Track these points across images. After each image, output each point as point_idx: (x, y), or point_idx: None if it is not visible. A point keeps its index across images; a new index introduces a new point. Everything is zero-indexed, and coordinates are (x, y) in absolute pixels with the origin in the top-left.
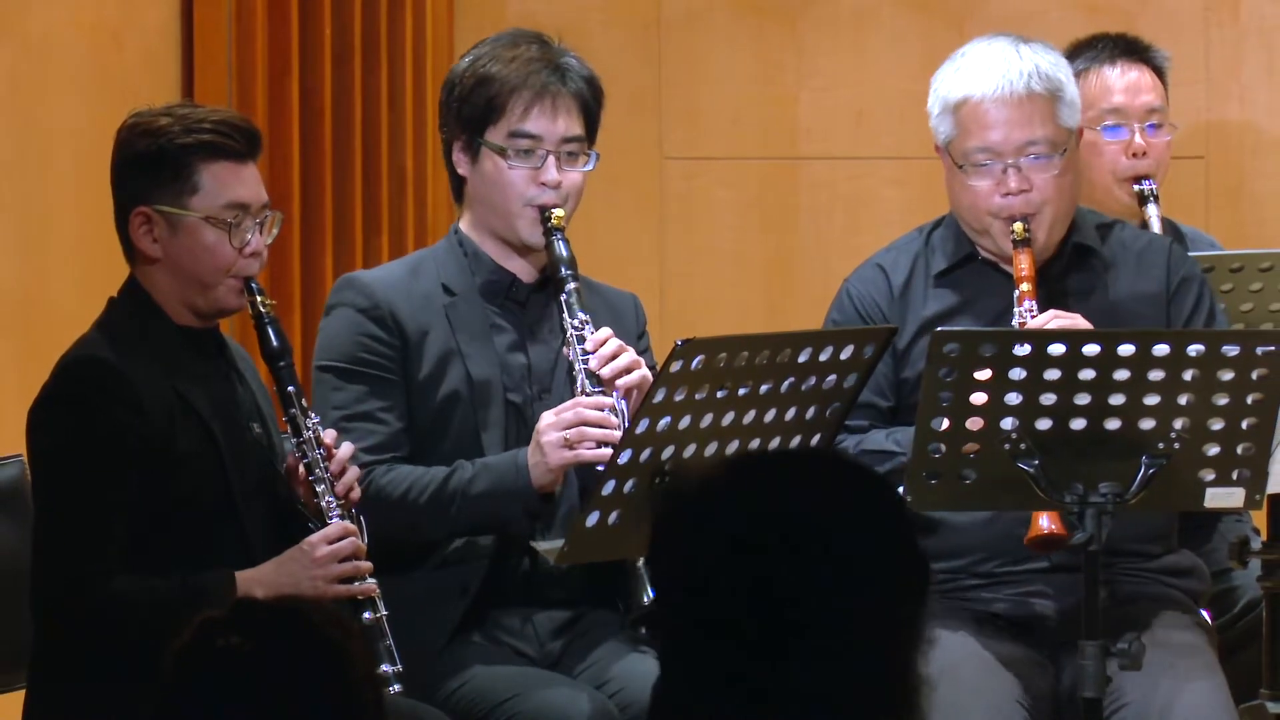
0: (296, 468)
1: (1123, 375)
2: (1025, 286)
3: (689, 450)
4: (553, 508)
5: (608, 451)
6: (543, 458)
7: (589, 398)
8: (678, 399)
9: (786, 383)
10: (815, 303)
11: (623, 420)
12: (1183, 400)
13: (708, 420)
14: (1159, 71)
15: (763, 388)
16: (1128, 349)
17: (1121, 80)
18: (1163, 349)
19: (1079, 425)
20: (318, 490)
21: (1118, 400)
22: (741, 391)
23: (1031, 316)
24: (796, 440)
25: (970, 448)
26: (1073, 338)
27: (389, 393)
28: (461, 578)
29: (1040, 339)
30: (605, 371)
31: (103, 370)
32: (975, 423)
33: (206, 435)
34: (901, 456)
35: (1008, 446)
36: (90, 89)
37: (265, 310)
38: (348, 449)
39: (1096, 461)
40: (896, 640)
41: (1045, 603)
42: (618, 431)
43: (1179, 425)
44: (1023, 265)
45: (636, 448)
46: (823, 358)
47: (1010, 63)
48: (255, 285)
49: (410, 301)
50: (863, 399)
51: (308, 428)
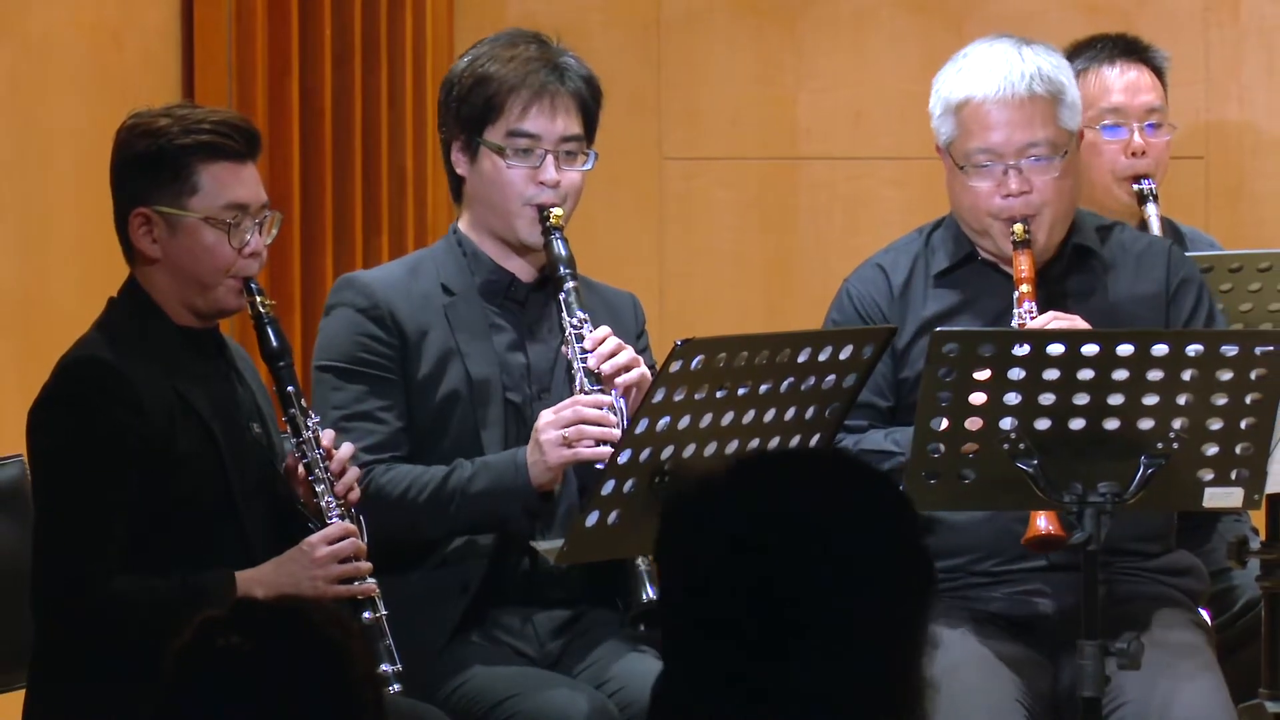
0: (296, 467)
1: (1122, 375)
2: (1025, 288)
3: (688, 450)
4: (552, 506)
5: (607, 450)
6: (541, 456)
7: (587, 396)
8: (677, 399)
9: (786, 383)
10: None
11: (621, 419)
12: (1181, 400)
13: (707, 420)
14: (1158, 71)
15: (762, 388)
16: (1127, 349)
17: (1121, 80)
18: (1162, 349)
19: (1078, 425)
20: (317, 490)
21: (1117, 400)
22: (741, 391)
23: (1031, 318)
24: (796, 440)
25: (969, 448)
26: (1072, 338)
27: (388, 392)
28: (461, 577)
29: (1039, 339)
30: (605, 369)
31: (103, 370)
32: (974, 423)
33: (206, 435)
34: (900, 456)
35: (1007, 446)
36: (90, 89)
37: (265, 310)
38: (348, 449)
39: (1095, 461)
40: (899, 641)
41: (1044, 602)
42: (616, 430)
43: (1178, 425)
44: (1022, 266)
45: (636, 447)
46: (822, 358)
47: (1012, 64)
48: (255, 285)
49: (409, 301)
50: (862, 399)
51: (307, 428)
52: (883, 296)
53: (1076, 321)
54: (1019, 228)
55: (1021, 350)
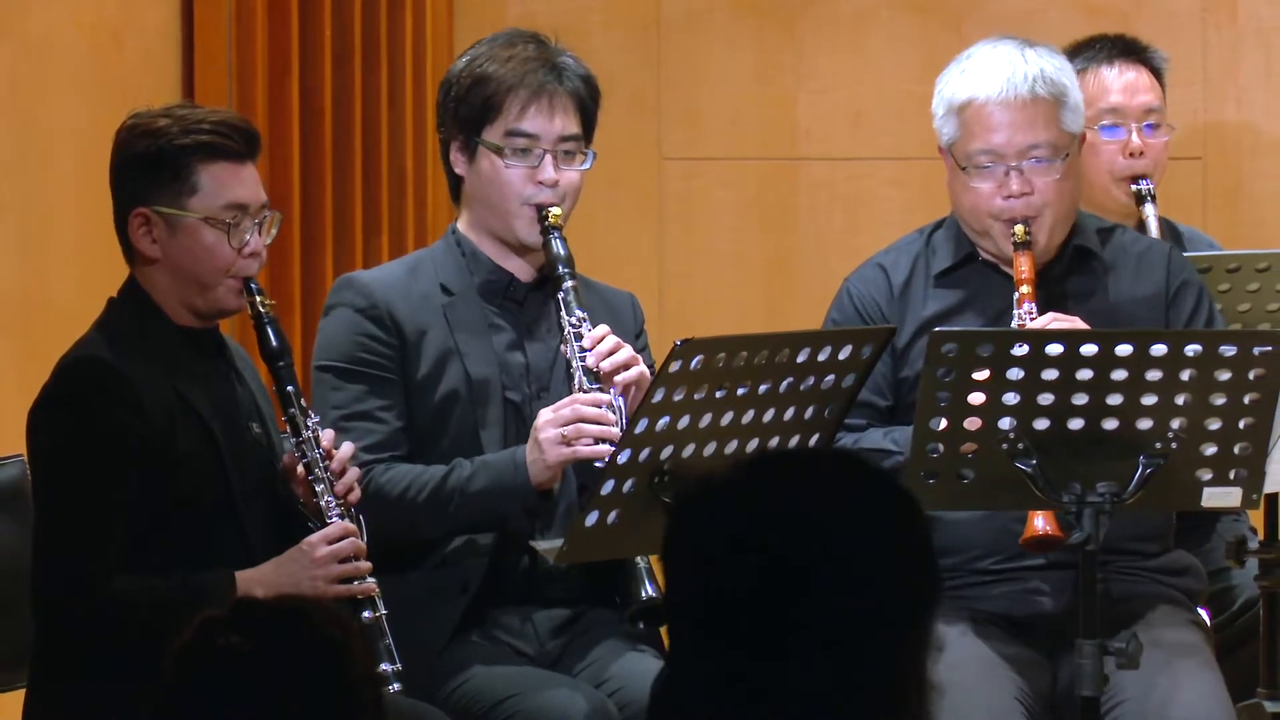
0: (294, 466)
1: (1120, 375)
2: (1025, 289)
3: (688, 450)
4: (551, 505)
5: (605, 448)
6: (541, 455)
7: (586, 395)
8: (677, 399)
9: (785, 383)
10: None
11: (620, 417)
12: (1180, 400)
13: (707, 420)
14: (1156, 72)
15: (761, 388)
16: (1125, 349)
17: (1119, 80)
18: (1160, 349)
19: (1077, 425)
20: (317, 490)
21: (1115, 400)
22: (740, 391)
23: (1031, 318)
24: (795, 440)
25: (968, 447)
26: (1070, 338)
27: (388, 392)
28: (461, 576)
29: (1038, 339)
30: (604, 367)
31: (102, 371)
32: (973, 423)
33: (206, 435)
34: (899, 455)
35: (1005, 446)
36: (90, 89)
37: (265, 310)
38: (348, 449)
39: (1094, 461)
40: (902, 642)
41: (1042, 600)
42: (615, 428)
43: (1176, 425)
44: (1023, 267)
45: (636, 447)
46: (821, 358)
47: (1015, 66)
48: (255, 285)
49: (408, 301)
50: (861, 398)
51: (307, 427)
52: (883, 296)
53: (1076, 323)
54: (1020, 229)
55: (1020, 350)
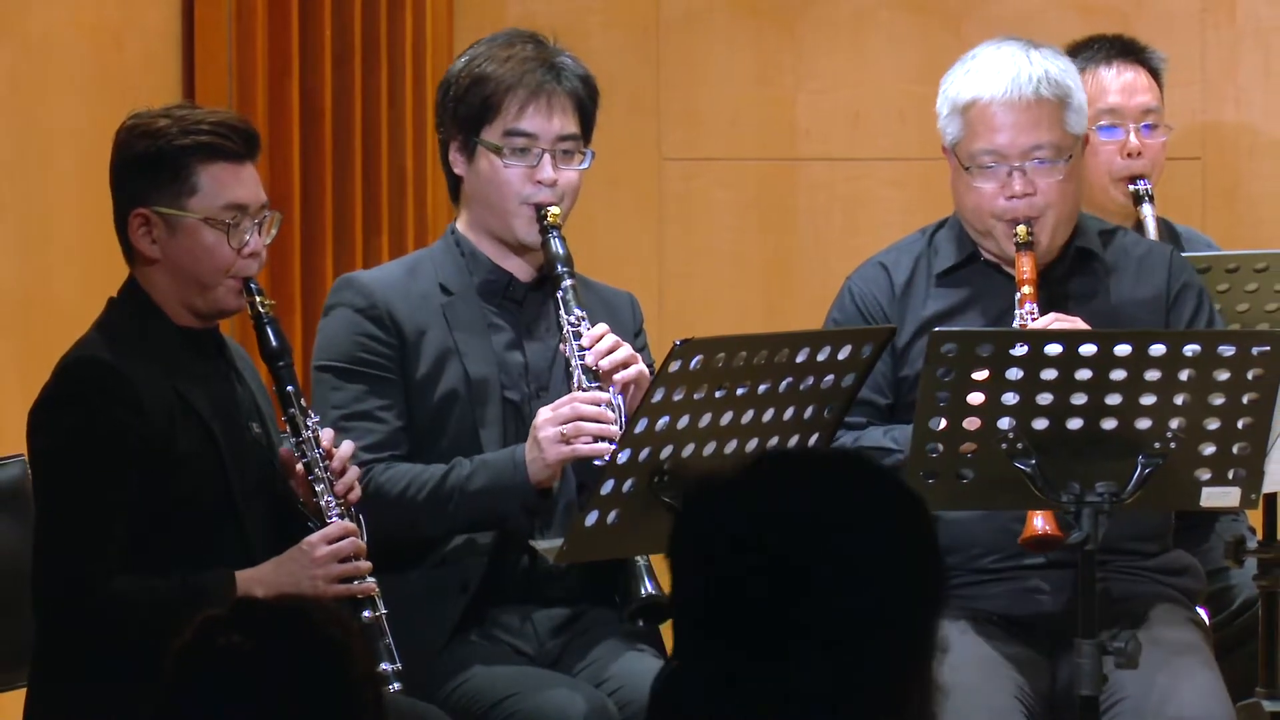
0: (292, 461)
1: (1119, 375)
2: (1027, 289)
3: (687, 450)
4: (550, 504)
5: (604, 446)
6: (540, 453)
7: (585, 393)
8: (676, 399)
9: (785, 383)
10: (813, 303)
11: (619, 415)
12: (1179, 400)
13: (706, 420)
14: (1154, 72)
15: (761, 388)
16: (1124, 349)
17: (1117, 81)
18: (1159, 349)
19: (1076, 425)
20: (317, 490)
21: (1114, 400)
22: (740, 391)
23: (1032, 319)
24: (795, 440)
25: (968, 447)
26: (1069, 338)
27: (387, 392)
28: (461, 576)
29: (1037, 339)
30: (603, 365)
31: (102, 371)
32: (972, 423)
33: (206, 435)
34: (899, 454)
35: (1005, 446)
36: (91, 89)
37: (264, 310)
38: (348, 448)
39: (1093, 461)
40: (907, 644)
41: (1042, 599)
42: (614, 426)
43: (1175, 425)
44: (1025, 268)
45: (635, 447)
46: (821, 358)
47: (1020, 67)
48: (254, 285)
49: (408, 301)
50: (861, 396)
51: (307, 427)
52: (884, 295)
53: (1078, 323)
54: (1022, 229)
55: (1020, 350)
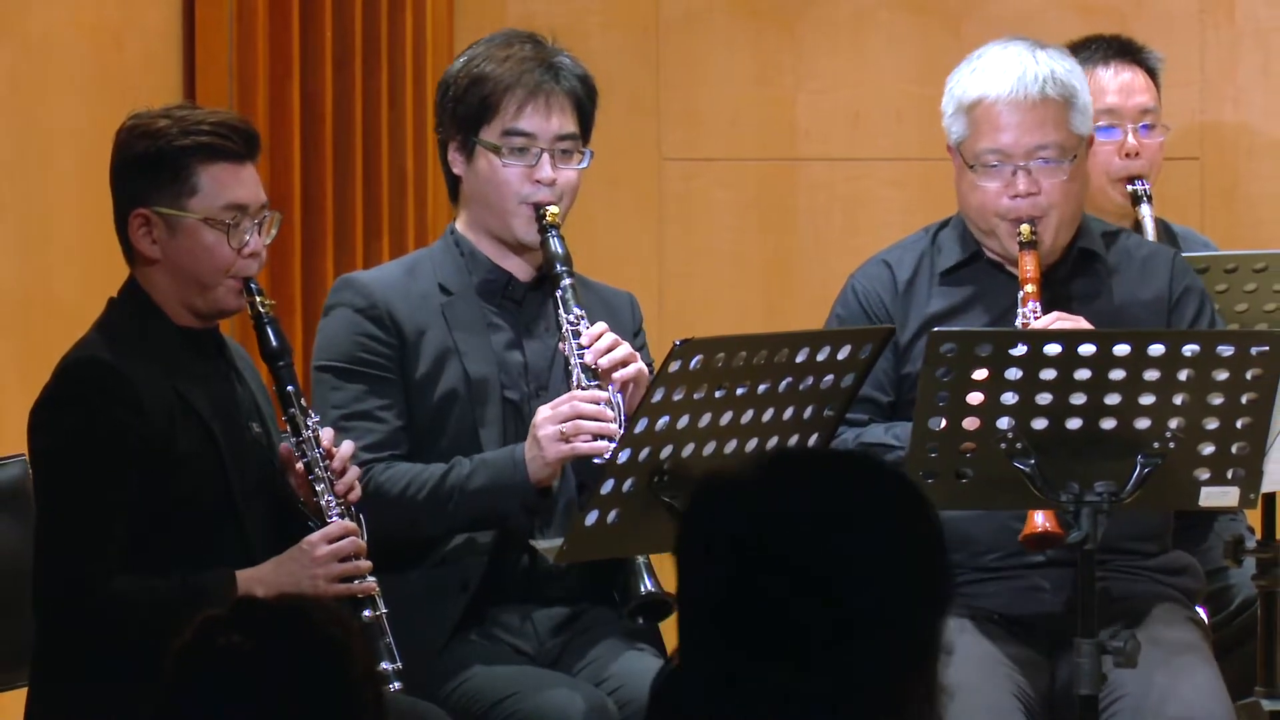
0: (291, 458)
1: (1118, 375)
2: (1030, 288)
3: (687, 449)
4: (550, 502)
5: (604, 444)
6: (539, 451)
7: (584, 391)
8: (676, 399)
9: (784, 383)
10: (813, 303)
11: (618, 414)
12: (1178, 400)
13: (706, 420)
14: (1152, 73)
15: (761, 388)
16: (1123, 349)
17: (1115, 81)
18: (1158, 349)
19: (1075, 425)
20: (317, 489)
21: (1113, 400)
22: (740, 391)
23: (1035, 317)
24: (794, 439)
25: (967, 446)
26: (1068, 338)
27: (387, 391)
28: (461, 575)
29: (1036, 339)
30: (602, 363)
31: (103, 371)
32: (972, 422)
33: (206, 435)
34: (900, 450)
35: (1004, 446)
36: (91, 90)
37: (264, 310)
38: (348, 447)
39: (1092, 461)
40: (912, 645)
41: (1042, 598)
42: (613, 424)
43: (1174, 425)
44: (1028, 267)
45: (635, 447)
46: (820, 358)
47: (1026, 66)
48: (254, 285)
49: (407, 301)
50: (863, 393)
51: (307, 427)
52: (887, 292)
53: (1080, 323)
54: (1025, 228)
55: (1019, 350)
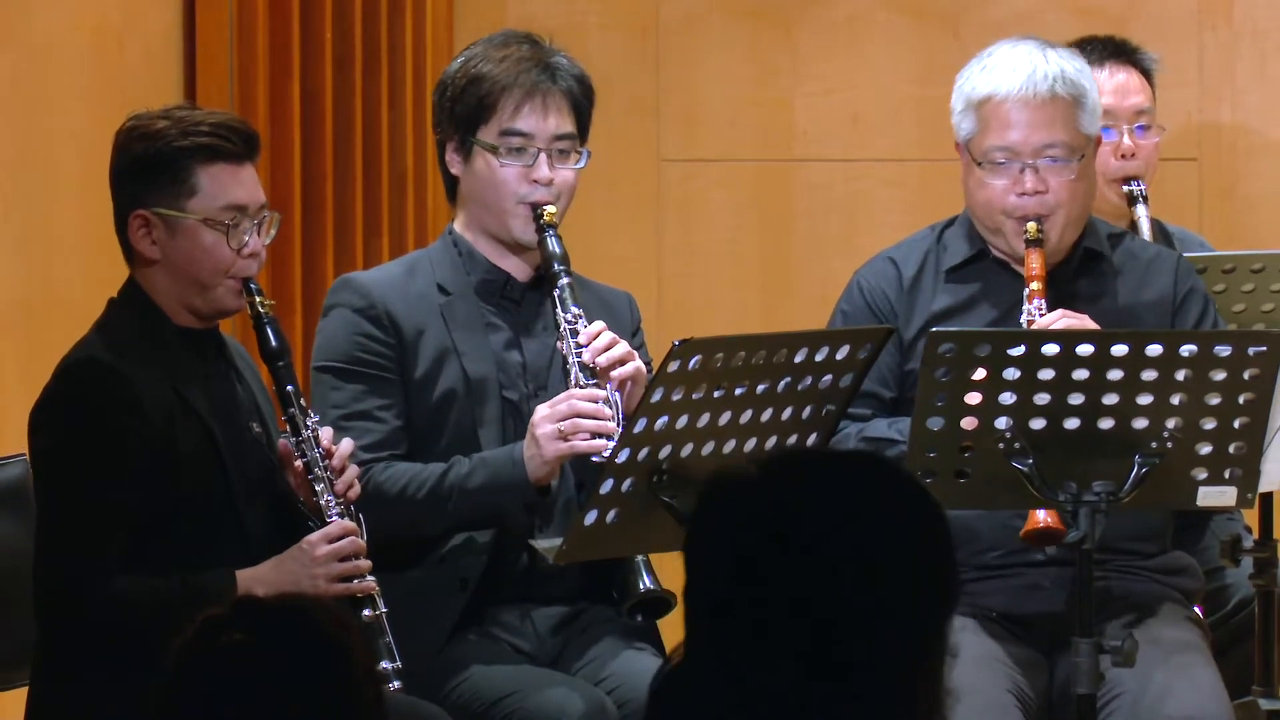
0: (290, 455)
1: (1116, 375)
2: (1035, 285)
3: (686, 449)
4: (549, 501)
5: (602, 443)
6: (538, 450)
7: (582, 390)
8: (675, 399)
9: (783, 383)
10: (812, 303)
11: (616, 412)
12: (1175, 400)
13: (705, 420)
14: (1147, 73)
15: (759, 387)
16: (1121, 349)
17: (1110, 82)
18: (1156, 349)
19: (1073, 425)
20: (317, 489)
21: (1111, 400)
22: (738, 391)
23: (1040, 315)
24: (793, 439)
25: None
26: (1067, 338)
27: (386, 391)
28: (460, 574)
29: (1035, 339)
30: (600, 361)
31: (102, 372)
32: (970, 422)
33: (206, 435)
34: (903, 445)
35: (1002, 446)
36: (92, 91)
37: (264, 310)
38: (348, 445)
39: (1090, 461)
40: (918, 645)
41: (1041, 597)
42: (611, 423)
43: (1172, 424)
44: (1034, 265)
45: (634, 447)
46: (819, 358)
47: (1036, 65)
48: (254, 286)
49: (406, 301)
50: (868, 389)
51: (307, 427)
52: (892, 289)
53: (1086, 321)
54: (1032, 226)
55: (1017, 350)
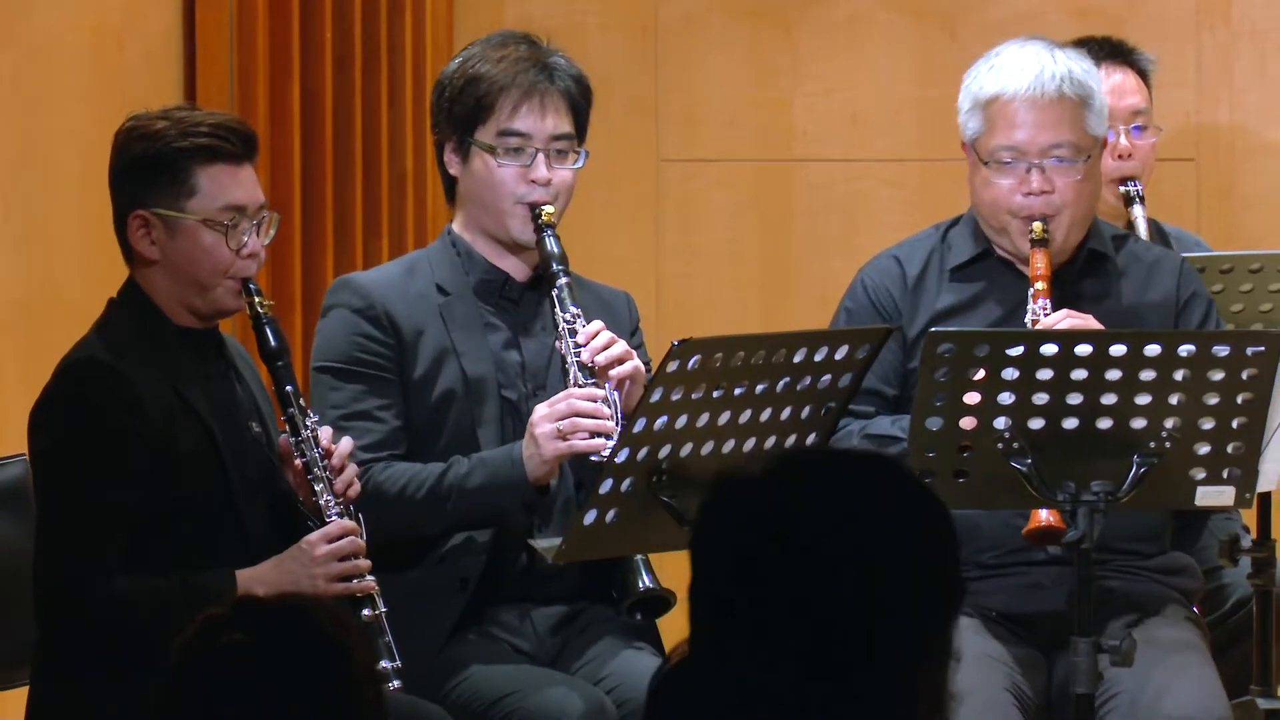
0: (292, 460)
1: (1115, 375)
2: (1040, 285)
3: (686, 449)
4: (548, 500)
5: (601, 441)
6: (537, 449)
7: (581, 389)
8: (674, 398)
9: (782, 382)
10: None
11: (615, 411)
12: (1174, 400)
13: (704, 420)
14: (1143, 74)
15: (758, 387)
16: (1120, 349)
17: (1106, 83)
18: (1154, 349)
19: (1071, 425)
20: (316, 489)
21: (1110, 400)
22: (738, 391)
23: (1045, 314)
24: (792, 439)
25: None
26: (1065, 338)
27: (386, 391)
28: (460, 574)
29: (1033, 339)
30: (599, 360)
31: (102, 372)
32: (969, 422)
33: (206, 435)
34: (905, 442)
35: (1001, 446)
36: (93, 92)
37: (263, 311)
38: (347, 444)
39: (1089, 460)
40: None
41: (1041, 596)
42: (610, 422)
43: (1170, 424)
44: (1038, 264)
45: (634, 446)
46: (818, 358)
47: (1045, 65)
48: (253, 286)
49: (405, 301)
50: (871, 386)
51: (306, 426)
52: (896, 287)
53: (1090, 321)
54: (1038, 226)
55: (1016, 350)
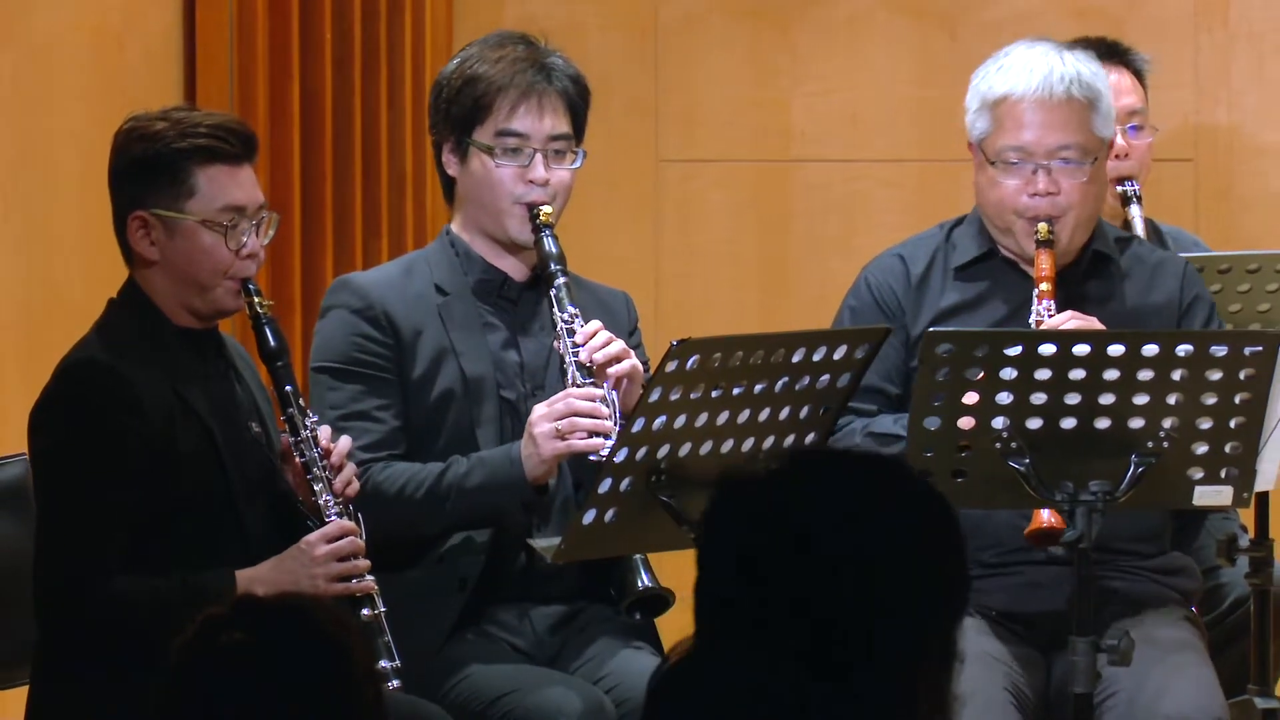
0: (292, 460)
1: (1113, 375)
2: (1045, 286)
3: (684, 449)
4: (547, 500)
5: (600, 441)
6: (535, 449)
7: (579, 389)
8: (673, 398)
9: (780, 382)
10: (810, 304)
11: (613, 410)
12: (1172, 400)
13: (703, 419)
14: (1139, 74)
15: (757, 387)
16: (1118, 349)
17: None
18: (1152, 349)
19: (1070, 424)
20: (315, 489)
21: (1108, 400)
22: (736, 391)
23: (1049, 315)
24: (791, 439)
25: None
26: (1063, 338)
27: (384, 391)
28: (459, 574)
29: (1032, 339)
30: (597, 358)
31: (102, 372)
32: (967, 422)
33: (206, 435)
34: (907, 440)
35: (999, 446)
36: (93, 92)
37: (263, 311)
38: (346, 443)
39: (1087, 460)
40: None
41: (1040, 596)
42: (609, 421)
43: (1168, 424)
44: (1043, 265)
45: (633, 446)
46: (817, 358)
47: (1053, 66)
48: (253, 286)
49: (404, 302)
50: (874, 384)
51: (305, 427)
52: (900, 285)
53: (1094, 322)
54: (1043, 226)
55: (1014, 350)
